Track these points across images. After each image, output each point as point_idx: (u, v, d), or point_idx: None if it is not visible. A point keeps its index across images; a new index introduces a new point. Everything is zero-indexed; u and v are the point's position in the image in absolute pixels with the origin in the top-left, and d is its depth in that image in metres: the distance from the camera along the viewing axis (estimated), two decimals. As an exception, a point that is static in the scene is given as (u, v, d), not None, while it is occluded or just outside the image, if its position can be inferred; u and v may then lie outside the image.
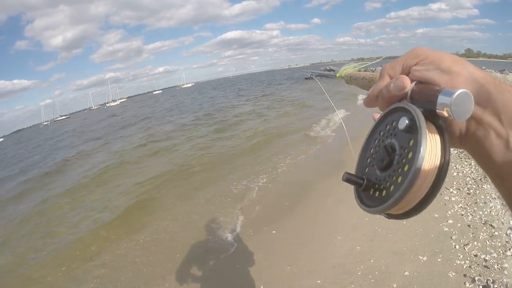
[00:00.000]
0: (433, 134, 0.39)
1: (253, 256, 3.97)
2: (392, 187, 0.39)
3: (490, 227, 3.41)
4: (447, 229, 3.51)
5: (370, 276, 3.04)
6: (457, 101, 0.37)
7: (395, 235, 3.66)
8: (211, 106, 27.72)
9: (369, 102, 0.56)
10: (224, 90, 53.86)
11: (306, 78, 43.94)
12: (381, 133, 0.48)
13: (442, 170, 0.38)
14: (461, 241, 3.26)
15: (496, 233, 3.29)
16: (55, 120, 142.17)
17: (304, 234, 4.26)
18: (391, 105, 0.47)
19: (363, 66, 0.86)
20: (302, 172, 6.72)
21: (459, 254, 3.08)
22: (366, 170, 0.48)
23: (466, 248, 3.14)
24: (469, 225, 3.52)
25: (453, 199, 4.18)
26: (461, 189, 4.36)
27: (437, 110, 0.39)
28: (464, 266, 2.90)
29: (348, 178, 0.45)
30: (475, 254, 3.03)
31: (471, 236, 3.32)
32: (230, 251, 4.19)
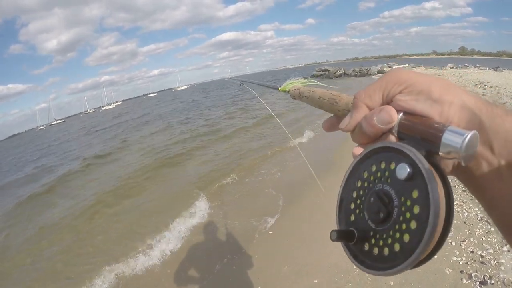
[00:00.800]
0: (437, 180, 0.34)
1: (251, 257, 3.96)
2: (397, 246, 0.34)
3: (486, 223, 3.42)
4: (443, 226, 3.49)
5: (367, 275, 3.03)
6: (468, 145, 0.33)
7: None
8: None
9: (332, 129, 0.52)
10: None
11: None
12: (366, 174, 0.41)
13: (449, 217, 0.34)
14: (457, 237, 3.27)
15: (492, 229, 3.29)
16: (50, 124, 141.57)
17: (300, 234, 4.25)
18: (376, 143, 0.41)
19: (313, 84, 0.77)
20: (298, 172, 6.71)
21: (455, 251, 3.09)
22: (352, 219, 0.42)
23: (462, 245, 3.14)
24: (465, 222, 3.53)
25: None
26: (456, 186, 4.37)
27: (440, 153, 0.35)
28: (461, 263, 2.91)
29: (339, 237, 0.39)
30: (471, 250, 3.04)
31: (467, 232, 3.33)
32: (226, 253, 4.18)
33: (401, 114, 0.40)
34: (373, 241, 0.37)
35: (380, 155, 0.40)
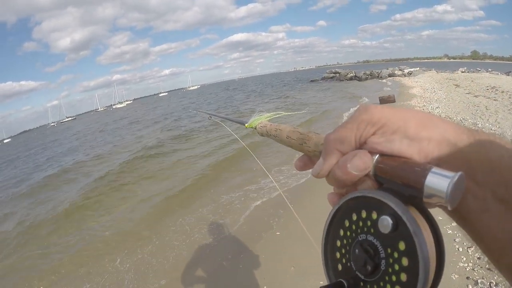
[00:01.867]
0: (424, 228, 0.33)
1: (257, 257, 3.99)
2: None
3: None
4: (450, 231, 3.51)
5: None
6: (455, 188, 0.31)
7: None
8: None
9: (302, 168, 0.50)
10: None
11: (312, 81, 43.88)
12: (347, 223, 0.39)
13: (441, 261, 0.34)
14: (465, 243, 3.26)
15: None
16: (61, 121, 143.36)
17: (308, 236, 4.24)
18: (354, 191, 0.38)
19: (277, 116, 0.74)
20: (307, 174, 6.70)
21: (462, 257, 3.08)
22: (340, 269, 0.40)
23: (469, 251, 3.14)
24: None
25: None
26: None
27: (423, 199, 0.33)
28: (467, 269, 2.91)
29: None
30: (478, 256, 3.04)
31: (475, 238, 3.31)
32: (234, 252, 4.22)
33: (377, 156, 0.38)
34: None
35: (359, 203, 0.37)
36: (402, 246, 0.32)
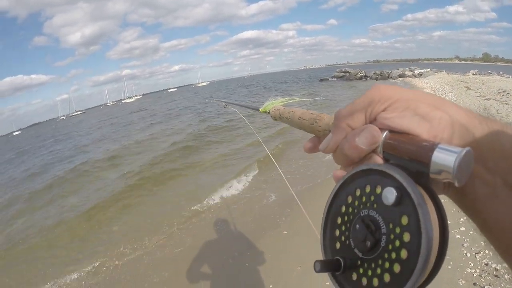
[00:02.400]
0: (429, 205, 0.31)
1: (263, 256, 4.00)
2: (387, 277, 0.31)
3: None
4: (459, 236, 3.49)
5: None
6: (462, 164, 0.30)
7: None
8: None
9: (313, 151, 0.48)
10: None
11: (321, 80, 43.62)
12: (350, 199, 0.38)
13: (444, 244, 0.32)
14: (473, 249, 3.24)
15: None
16: (70, 115, 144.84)
17: (315, 235, 4.24)
18: (360, 165, 0.38)
19: (292, 101, 0.75)
20: (314, 171, 6.71)
21: (470, 262, 3.07)
22: (338, 247, 0.38)
23: (477, 257, 3.12)
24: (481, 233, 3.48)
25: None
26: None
27: (430, 174, 0.32)
28: (475, 275, 2.90)
29: (322, 267, 0.36)
30: (486, 263, 3.02)
31: (483, 244, 3.29)
32: (240, 250, 4.24)
33: (386, 132, 0.37)
34: (361, 270, 0.34)
35: (364, 178, 0.37)
36: (405, 220, 0.31)
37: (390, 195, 0.32)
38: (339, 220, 0.39)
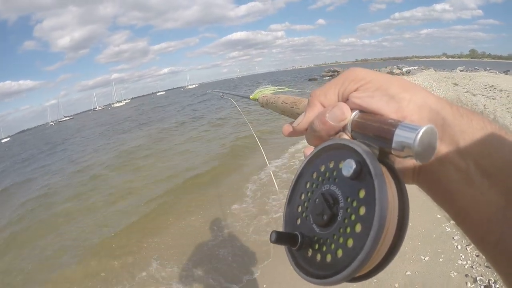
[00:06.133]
0: (388, 181, 0.31)
1: (255, 256, 4.00)
2: (340, 252, 0.31)
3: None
4: (449, 229, 3.52)
5: (371, 279, 3.04)
6: (423, 140, 0.30)
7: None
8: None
9: (291, 133, 0.47)
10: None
11: (310, 80, 43.78)
12: (315, 175, 0.38)
13: (402, 224, 0.31)
14: (463, 241, 3.27)
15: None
16: (59, 121, 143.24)
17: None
18: (326, 141, 0.38)
19: (281, 91, 0.75)
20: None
21: (461, 254, 3.09)
22: (298, 223, 0.38)
23: (468, 249, 3.15)
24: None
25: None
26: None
27: (392, 150, 0.32)
28: (466, 266, 2.92)
29: (278, 238, 0.35)
30: (477, 254, 3.05)
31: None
32: (231, 251, 4.22)
33: (356, 112, 0.38)
34: (316, 246, 0.34)
35: (329, 153, 0.37)
36: (362, 193, 0.30)
37: (349, 166, 0.31)
38: (302, 196, 0.39)
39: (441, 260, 3.07)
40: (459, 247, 3.20)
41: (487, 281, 2.68)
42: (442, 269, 2.94)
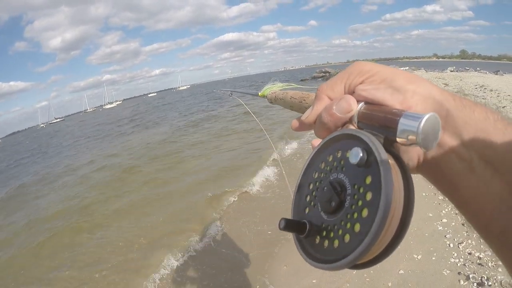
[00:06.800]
0: (394, 168, 0.32)
1: (249, 256, 3.98)
2: (347, 237, 0.31)
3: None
4: (441, 228, 3.53)
5: (365, 275, 3.04)
6: (426, 127, 0.31)
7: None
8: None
9: (299, 127, 0.48)
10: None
11: (301, 80, 44.01)
12: (323, 165, 0.39)
13: (408, 210, 0.31)
14: (455, 239, 3.28)
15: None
16: (50, 122, 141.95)
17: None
18: (334, 132, 0.39)
19: (290, 87, 0.75)
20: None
21: (453, 252, 3.10)
22: (307, 211, 0.39)
23: (460, 246, 3.15)
24: (463, 224, 3.53)
25: (447, 198, 4.16)
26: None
27: (397, 139, 0.33)
28: (459, 264, 2.92)
29: (287, 226, 0.35)
30: (469, 252, 3.05)
31: (465, 234, 3.34)
32: (224, 251, 4.21)
33: (362, 103, 0.39)
34: (324, 233, 0.34)
35: (337, 144, 0.38)
36: (368, 180, 0.31)
37: (356, 153, 0.32)
38: (311, 186, 0.40)
39: (433, 258, 3.07)
40: (451, 245, 3.20)
41: (479, 278, 2.68)
42: (435, 268, 2.94)
